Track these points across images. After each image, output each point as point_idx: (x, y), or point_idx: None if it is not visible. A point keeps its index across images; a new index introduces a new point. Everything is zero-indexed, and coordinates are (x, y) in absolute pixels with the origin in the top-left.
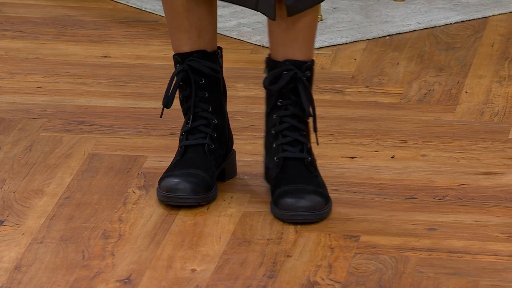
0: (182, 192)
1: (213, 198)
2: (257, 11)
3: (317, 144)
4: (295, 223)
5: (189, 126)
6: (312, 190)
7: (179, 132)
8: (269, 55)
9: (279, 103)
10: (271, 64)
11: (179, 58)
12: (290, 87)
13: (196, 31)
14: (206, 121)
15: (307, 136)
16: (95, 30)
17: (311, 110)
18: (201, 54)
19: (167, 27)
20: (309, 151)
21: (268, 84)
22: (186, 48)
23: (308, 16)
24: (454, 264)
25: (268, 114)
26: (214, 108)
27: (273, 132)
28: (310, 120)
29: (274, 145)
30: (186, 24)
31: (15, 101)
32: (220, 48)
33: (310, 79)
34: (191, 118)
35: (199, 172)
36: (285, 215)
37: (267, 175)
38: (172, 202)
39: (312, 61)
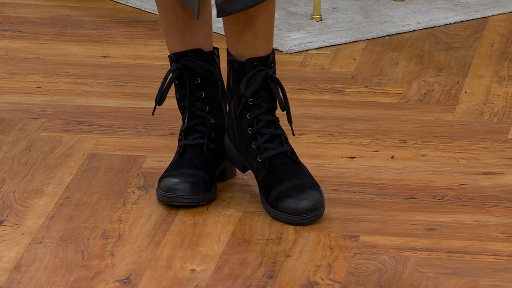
0: (181, 192)
1: (213, 198)
2: (192, 9)
3: (293, 135)
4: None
5: (186, 125)
6: (306, 184)
7: (179, 132)
8: (230, 54)
9: (250, 102)
10: (235, 65)
11: (174, 57)
12: (261, 85)
13: (191, 31)
14: (202, 121)
15: (280, 125)
16: (95, 30)
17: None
18: (196, 53)
19: (161, 27)
20: (287, 140)
21: (245, 90)
22: (180, 47)
23: (266, 11)
24: (454, 264)
25: (239, 115)
26: (212, 108)
27: (250, 132)
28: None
29: (253, 145)
30: (180, 24)
31: (15, 101)
32: (216, 49)
33: (274, 71)
34: (187, 117)
35: (198, 172)
36: (289, 219)
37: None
38: (171, 202)
39: (273, 53)
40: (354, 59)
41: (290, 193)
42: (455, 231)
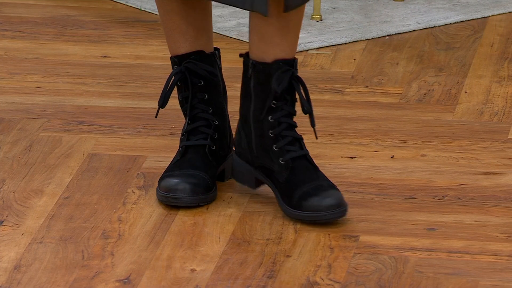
0: (181, 193)
1: (213, 198)
2: (253, 11)
3: (316, 138)
4: (324, 222)
5: (189, 127)
6: (327, 186)
7: (179, 132)
8: (251, 59)
9: (273, 105)
10: (259, 67)
11: (176, 60)
12: (286, 87)
13: (193, 32)
14: (207, 122)
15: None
16: (95, 30)
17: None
18: (198, 55)
19: (163, 29)
20: (305, 145)
21: (277, 86)
22: (183, 50)
23: (299, 13)
24: (454, 264)
25: (263, 119)
26: (215, 109)
27: (271, 134)
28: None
29: (274, 147)
30: (183, 26)
31: (15, 101)
32: (217, 49)
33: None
34: (190, 119)
35: (199, 173)
36: (314, 217)
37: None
38: (171, 202)
39: (296, 59)
40: (354, 59)
41: (314, 192)
42: (455, 231)
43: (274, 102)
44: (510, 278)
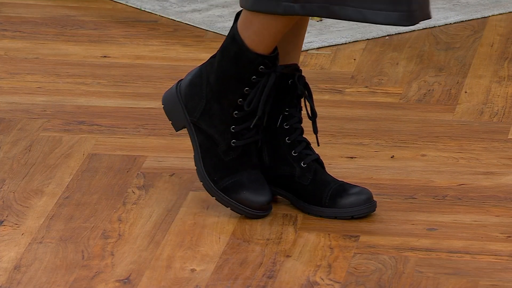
0: (269, 208)
1: None
2: (421, 20)
3: (318, 145)
4: (361, 216)
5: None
6: (348, 183)
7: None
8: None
9: (286, 112)
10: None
11: (267, 61)
12: (296, 93)
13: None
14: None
15: None
16: (95, 30)
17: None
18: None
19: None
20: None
21: (300, 87)
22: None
23: (307, 21)
24: (454, 264)
25: (278, 127)
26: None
27: (288, 141)
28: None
29: (293, 153)
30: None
31: (15, 101)
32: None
33: None
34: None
35: (263, 179)
36: (354, 211)
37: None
38: (260, 217)
39: None
40: (354, 59)
41: (346, 189)
42: (455, 231)
43: (287, 109)
44: (510, 278)
